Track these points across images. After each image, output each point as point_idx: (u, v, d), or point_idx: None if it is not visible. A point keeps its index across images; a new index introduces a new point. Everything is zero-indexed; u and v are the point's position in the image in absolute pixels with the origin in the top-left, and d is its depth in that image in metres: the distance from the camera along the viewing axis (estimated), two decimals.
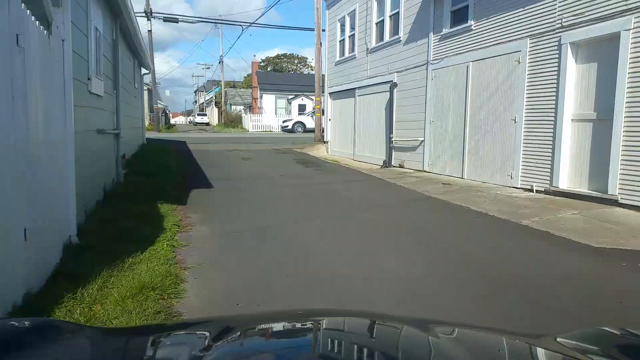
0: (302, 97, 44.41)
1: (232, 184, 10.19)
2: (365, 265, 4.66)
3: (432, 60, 11.69)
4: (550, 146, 8.11)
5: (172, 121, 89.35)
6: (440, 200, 8.10)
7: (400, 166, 13.33)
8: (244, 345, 1.19)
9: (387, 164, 13.84)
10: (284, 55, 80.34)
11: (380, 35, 14.58)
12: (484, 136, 9.78)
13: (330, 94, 19.15)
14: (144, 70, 18.49)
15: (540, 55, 8.35)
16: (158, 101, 56.06)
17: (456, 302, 3.74)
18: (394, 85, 13.53)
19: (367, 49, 15.30)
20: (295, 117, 39.26)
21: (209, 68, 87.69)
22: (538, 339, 1.32)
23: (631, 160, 6.63)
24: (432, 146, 11.82)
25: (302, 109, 43.99)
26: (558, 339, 1.26)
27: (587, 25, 7.35)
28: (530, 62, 8.55)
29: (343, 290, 3.98)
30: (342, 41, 17.70)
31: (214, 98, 69.69)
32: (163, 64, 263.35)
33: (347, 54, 17.21)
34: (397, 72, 13.46)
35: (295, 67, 77.41)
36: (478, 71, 9.99)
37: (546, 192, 8.16)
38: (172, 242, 5.04)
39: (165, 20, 36.65)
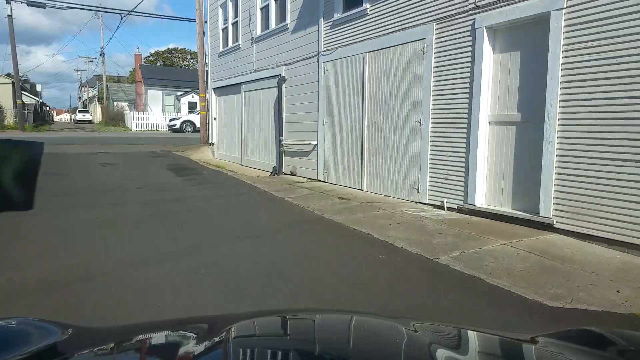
0: (193, 94, 41.12)
1: (67, 201, 7.65)
2: None
3: (324, 51, 9.96)
4: (463, 154, 6.66)
5: (57, 118, 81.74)
6: (336, 224, 6.31)
7: (292, 174, 11.49)
8: (237, 343, 1.18)
9: (277, 171, 11.93)
10: (175, 49, 75.62)
11: (266, 23, 12.63)
12: (385, 141, 8.20)
13: (215, 89, 16.87)
14: None
15: (449, 43, 6.89)
16: (28, 96, 49.46)
17: None
18: (282, 79, 11.65)
19: (252, 38, 13.28)
20: (185, 115, 36.13)
21: (92, 61, 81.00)
22: (521, 337, 1.28)
23: (569, 174, 5.28)
24: (326, 152, 10.09)
25: (192, 106, 40.75)
26: (542, 339, 1.24)
27: (508, 4, 5.94)
28: (438, 52, 7.08)
29: None
30: (225, 29, 15.51)
31: (97, 94, 63.94)
32: (46, 57, 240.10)
33: (230, 44, 15.06)
34: (285, 64, 11.60)
35: (188, 62, 73.08)
36: (376, 63, 8.39)
37: (460, 210, 6.71)
38: None
39: (29, 4, 31.91)
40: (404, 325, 1.33)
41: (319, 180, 10.27)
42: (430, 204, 7.22)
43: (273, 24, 12.17)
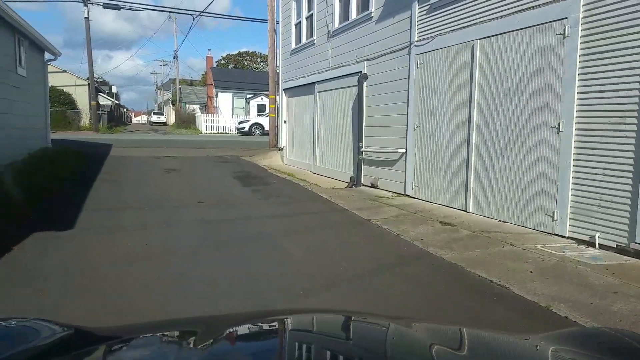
0: (262, 97, 40.62)
1: (115, 218, 6.52)
2: None
3: (418, 40, 8.33)
4: (630, 173, 4.81)
5: (135, 120, 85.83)
6: (449, 266, 4.66)
7: (373, 186, 9.92)
8: (232, 344, 1.18)
9: (354, 182, 10.41)
10: (246, 53, 76.33)
11: (345, 13, 11.15)
12: (503, 151, 6.44)
13: (285, 90, 15.66)
14: (48, 56, 14.52)
15: (604, 22, 5.06)
16: (105, 97, 51.14)
17: None
18: (363, 77, 10.12)
19: (329, 31, 11.87)
20: (253, 118, 35.51)
21: (166, 65, 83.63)
22: (522, 337, 1.30)
23: None
24: (418, 161, 8.44)
25: (261, 109, 40.24)
26: (544, 338, 1.24)
27: None
28: (587, 35, 5.26)
29: None
30: (299, 25, 14.23)
31: (171, 96, 65.72)
32: (126, 62, 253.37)
33: (304, 40, 13.74)
34: (367, 59, 10.07)
35: (258, 65, 73.53)
36: (491, 53, 6.66)
37: (622, 250, 4.84)
38: None
39: (105, 7, 32.70)
40: (404, 326, 1.34)
41: (408, 196, 8.63)
42: (573, 238, 5.38)
43: (353, 14, 10.68)
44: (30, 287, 3.97)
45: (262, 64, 74.45)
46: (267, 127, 33.81)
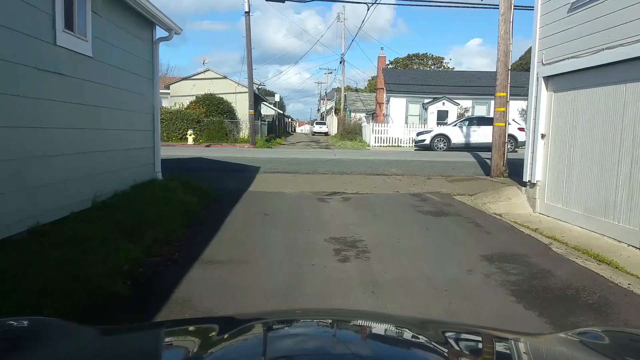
0: (444, 101, 33.17)
1: None
2: None
3: None
4: None
5: (299, 129, 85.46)
6: None
7: None
8: (244, 344, 1.15)
9: None
10: (416, 55, 69.06)
11: None
12: None
13: (549, 79, 8.28)
14: (160, 33, 9.19)
15: None
16: (267, 106, 48.30)
17: None
18: None
19: None
20: (436, 128, 28.07)
21: (330, 72, 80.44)
22: (530, 336, 1.28)
23: None
24: None
25: (442, 116, 32.80)
26: (560, 337, 1.22)
27: None
28: None
29: None
30: None
31: (335, 105, 61.83)
32: (292, 74, 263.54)
33: None
34: None
35: (428, 68, 65.89)
36: None
37: None
38: None
39: None
40: (409, 324, 1.35)
41: None
42: None
43: None
44: None
45: (432, 66, 66.54)
46: (454, 139, 26.30)
